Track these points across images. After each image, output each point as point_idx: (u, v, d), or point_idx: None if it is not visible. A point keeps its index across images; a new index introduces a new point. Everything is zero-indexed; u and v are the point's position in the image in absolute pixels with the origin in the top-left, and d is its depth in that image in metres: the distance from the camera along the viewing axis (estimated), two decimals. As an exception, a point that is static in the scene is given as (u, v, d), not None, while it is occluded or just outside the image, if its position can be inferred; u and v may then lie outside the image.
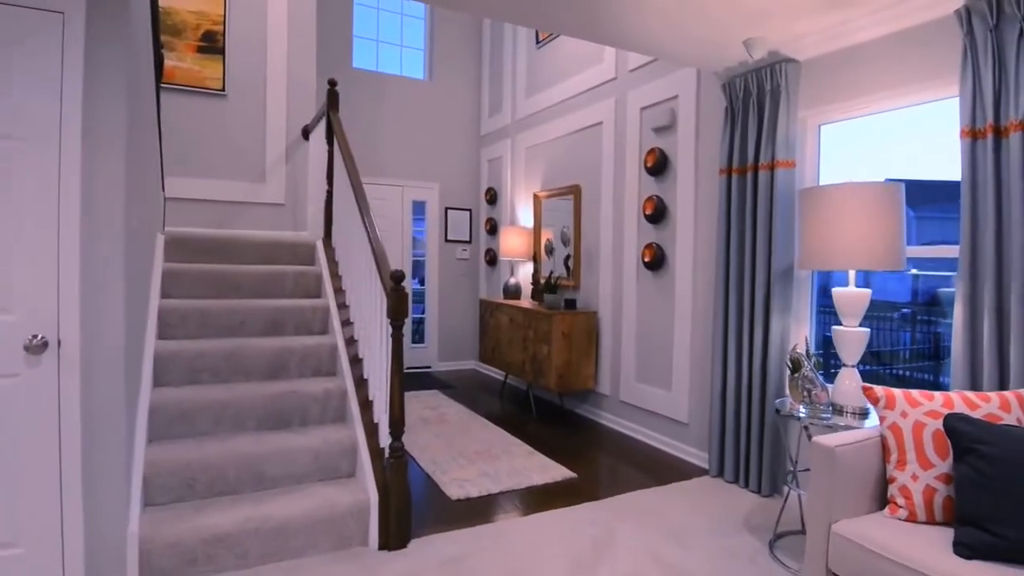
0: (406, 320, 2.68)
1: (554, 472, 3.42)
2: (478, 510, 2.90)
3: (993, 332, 2.30)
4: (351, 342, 3.25)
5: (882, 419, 1.98)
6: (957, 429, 1.78)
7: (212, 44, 4.47)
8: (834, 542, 1.84)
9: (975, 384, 2.36)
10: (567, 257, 5.09)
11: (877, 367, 4.68)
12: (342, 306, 3.48)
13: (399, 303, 2.52)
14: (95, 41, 2.03)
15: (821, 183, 3.26)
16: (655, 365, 4.11)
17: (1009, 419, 1.87)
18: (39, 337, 1.95)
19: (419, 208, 6.58)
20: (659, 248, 4.05)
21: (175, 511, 2.33)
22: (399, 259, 6.37)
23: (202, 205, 4.35)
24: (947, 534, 1.74)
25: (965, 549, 1.64)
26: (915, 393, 1.98)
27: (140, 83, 2.45)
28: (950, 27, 2.54)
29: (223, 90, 4.47)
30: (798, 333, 3.22)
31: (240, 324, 3.18)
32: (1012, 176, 2.27)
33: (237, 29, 4.49)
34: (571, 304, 4.67)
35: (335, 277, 3.68)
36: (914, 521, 1.84)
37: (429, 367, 6.56)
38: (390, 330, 2.59)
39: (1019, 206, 2.25)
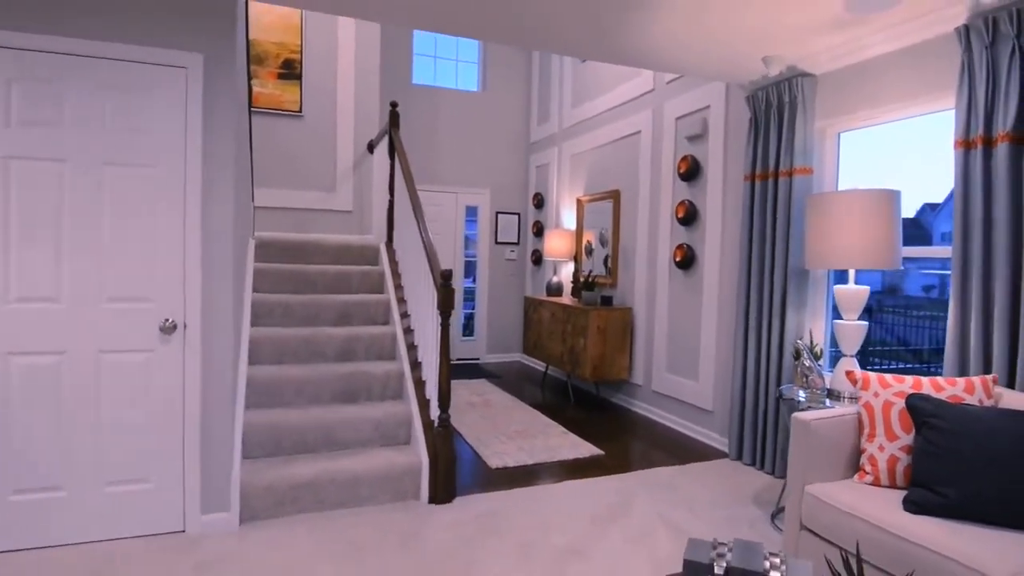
0: (456, 314, 3.14)
1: (584, 449, 3.80)
2: (513, 477, 3.33)
3: (980, 327, 2.53)
4: (408, 331, 3.75)
5: (859, 399, 2.27)
6: (916, 406, 2.07)
7: (291, 71, 5.10)
8: (806, 501, 2.16)
9: (963, 373, 2.59)
10: (606, 257, 5.44)
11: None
12: (401, 300, 3.99)
13: (447, 297, 2.98)
14: (210, 88, 2.59)
15: (840, 188, 3.49)
16: (684, 357, 4.42)
17: (971, 400, 2.13)
18: (170, 320, 2.53)
19: (472, 212, 7.08)
20: (689, 249, 4.36)
21: (266, 463, 2.89)
22: (452, 260, 6.88)
23: (282, 212, 4.99)
24: (903, 495, 2.02)
25: (913, 506, 1.93)
26: (888, 376, 2.26)
27: (240, 113, 3.02)
28: (951, 44, 2.76)
29: (300, 111, 5.09)
30: (814, 328, 3.47)
31: (316, 315, 3.73)
32: (999, 183, 2.49)
33: (312, 57, 5.10)
34: (607, 301, 5.03)
35: (395, 275, 4.19)
36: (878, 485, 2.13)
37: (478, 359, 7.05)
38: (439, 320, 3.06)
39: (1004, 212, 2.47)
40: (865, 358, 3.55)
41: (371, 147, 5.22)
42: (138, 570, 2.29)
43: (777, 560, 1.44)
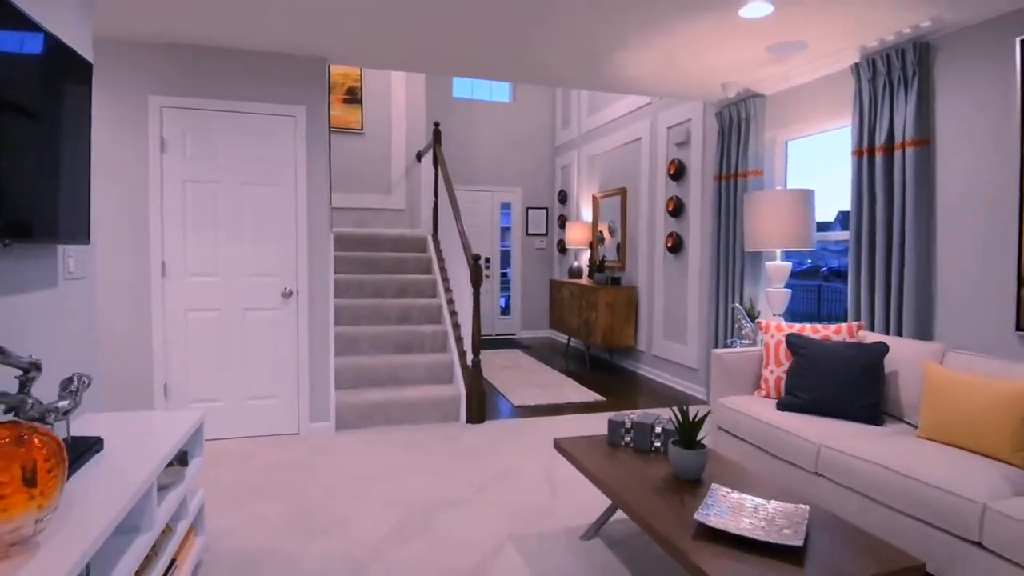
0: (494, 295, 4.22)
1: (589, 396, 4.83)
2: (531, 410, 4.40)
3: (866, 292, 3.42)
4: (450, 302, 4.86)
5: (764, 341, 3.23)
6: (791, 342, 3.01)
7: (353, 96, 6.27)
8: (719, 409, 3.14)
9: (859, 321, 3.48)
10: (617, 245, 6.41)
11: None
12: (444, 279, 5.10)
13: (477, 274, 4.06)
14: (310, 130, 3.74)
15: (788, 187, 4.38)
16: (675, 326, 5.37)
17: (837, 338, 3.05)
18: (288, 289, 3.70)
19: (506, 208, 8.14)
20: (678, 236, 5.30)
21: (351, 391, 4.05)
22: (490, 249, 7.97)
23: (349, 211, 6.18)
24: (777, 401, 2.98)
25: (782, 406, 2.89)
26: (784, 323, 3.20)
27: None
28: (848, 77, 3.64)
29: (361, 130, 6.26)
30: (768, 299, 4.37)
31: (381, 290, 4.89)
32: (877, 184, 3.37)
33: (370, 84, 6.25)
34: (616, 281, 6.01)
35: (440, 260, 5.31)
36: (768, 396, 3.09)
37: (513, 334, 8.14)
38: (472, 291, 4.14)
39: (882, 206, 3.35)
40: (818, 319, 4.38)
41: (419, 156, 6.34)
42: (274, 452, 3.48)
43: (664, 419, 2.46)
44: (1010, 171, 2.75)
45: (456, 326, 4.62)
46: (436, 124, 5.45)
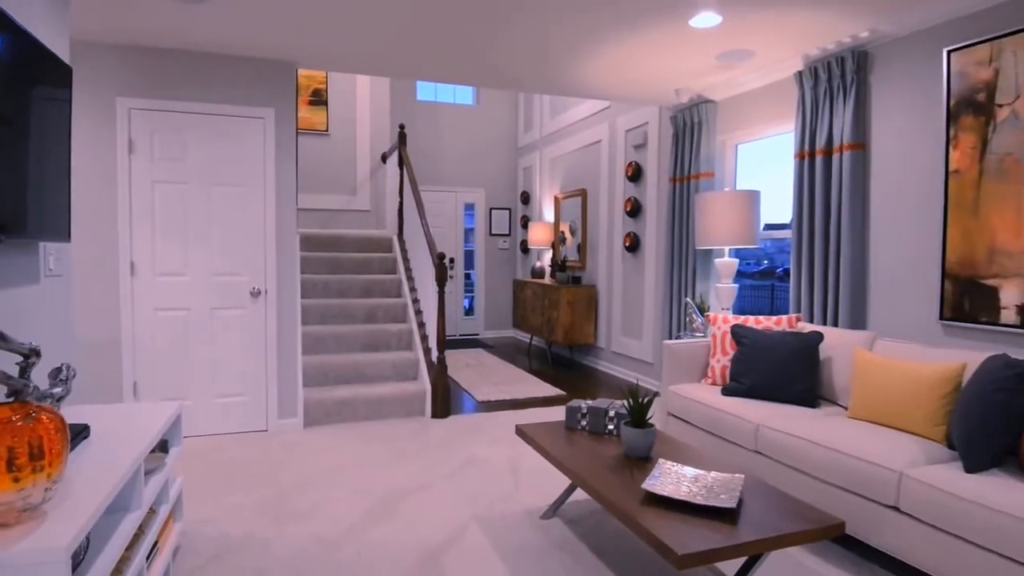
0: (458, 296, 4.35)
1: (550, 391, 5.02)
2: (494, 405, 4.56)
3: (806, 286, 3.70)
4: (415, 301, 4.97)
5: (712, 332, 3.46)
6: (735, 332, 3.26)
7: (319, 98, 6.32)
8: (668, 396, 3.36)
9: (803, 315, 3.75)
10: (578, 245, 6.63)
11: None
12: (410, 278, 5.21)
13: (442, 272, 4.20)
14: (278, 132, 3.81)
15: (738, 188, 4.65)
16: (633, 322, 5.61)
17: (777, 329, 3.30)
18: (256, 288, 3.77)
19: (470, 208, 8.29)
20: (635, 236, 5.54)
21: (319, 389, 4.13)
22: (454, 249, 8.10)
23: (314, 212, 6.22)
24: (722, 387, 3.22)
25: (726, 392, 3.13)
26: (731, 316, 3.45)
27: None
28: (793, 84, 3.92)
29: (327, 131, 6.31)
30: (716, 294, 4.64)
31: (347, 289, 4.97)
32: (817, 185, 3.65)
33: (335, 86, 6.31)
34: (576, 280, 6.22)
35: (405, 260, 5.41)
36: (715, 384, 3.33)
37: (477, 334, 8.28)
38: (436, 290, 4.27)
39: (821, 206, 3.62)
40: (770, 311, 4.71)
41: (384, 158, 6.43)
42: (244, 448, 3.54)
43: (617, 404, 2.66)
44: (936, 174, 3.04)
45: (421, 324, 4.74)
46: (401, 126, 5.57)
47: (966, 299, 2.86)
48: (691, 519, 1.76)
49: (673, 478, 1.99)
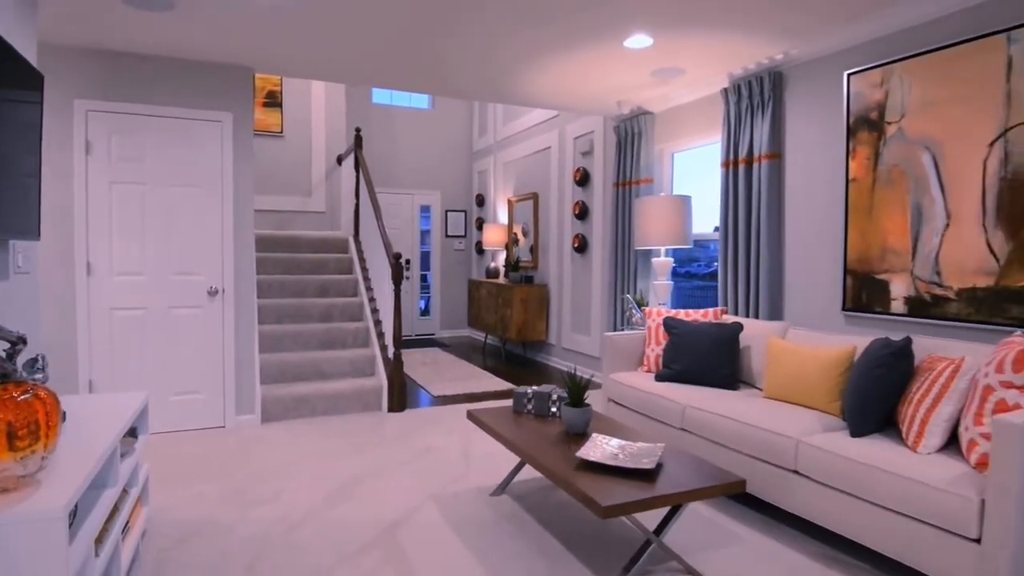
0: (414, 296, 4.53)
1: (503, 386, 5.26)
2: (449, 399, 4.76)
3: (731, 282, 4.06)
4: (371, 300, 5.13)
5: (647, 325, 3.78)
6: (667, 324, 3.57)
7: (273, 100, 6.39)
8: (609, 384, 3.65)
9: (729, 309, 4.11)
10: (531, 246, 6.90)
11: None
12: (366, 278, 5.36)
13: (398, 271, 4.38)
14: (236, 135, 3.93)
15: (674, 192, 5.01)
16: (581, 319, 5.92)
17: (704, 321, 3.64)
18: (213, 287, 3.87)
19: (425, 210, 8.46)
20: (583, 237, 5.85)
21: (277, 386, 4.25)
22: (410, 251, 8.25)
23: (269, 214, 6.29)
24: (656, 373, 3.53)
25: (658, 378, 3.44)
26: (664, 310, 3.76)
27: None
28: (720, 100, 4.29)
29: (282, 132, 6.39)
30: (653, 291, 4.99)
31: (303, 289, 5.08)
32: (740, 191, 4.01)
33: (290, 88, 6.40)
34: (529, 279, 6.49)
35: (361, 260, 5.56)
36: (649, 371, 3.64)
37: (433, 334, 8.46)
38: (393, 288, 4.45)
39: (743, 210, 3.99)
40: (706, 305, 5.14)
41: (339, 160, 6.55)
42: (203, 443, 3.64)
43: (559, 390, 2.91)
44: (838, 182, 3.43)
45: (378, 322, 4.91)
46: (358, 130, 5.71)
47: (864, 292, 3.25)
48: (617, 480, 2.02)
49: (604, 448, 2.26)
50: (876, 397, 2.40)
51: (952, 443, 2.29)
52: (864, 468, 2.18)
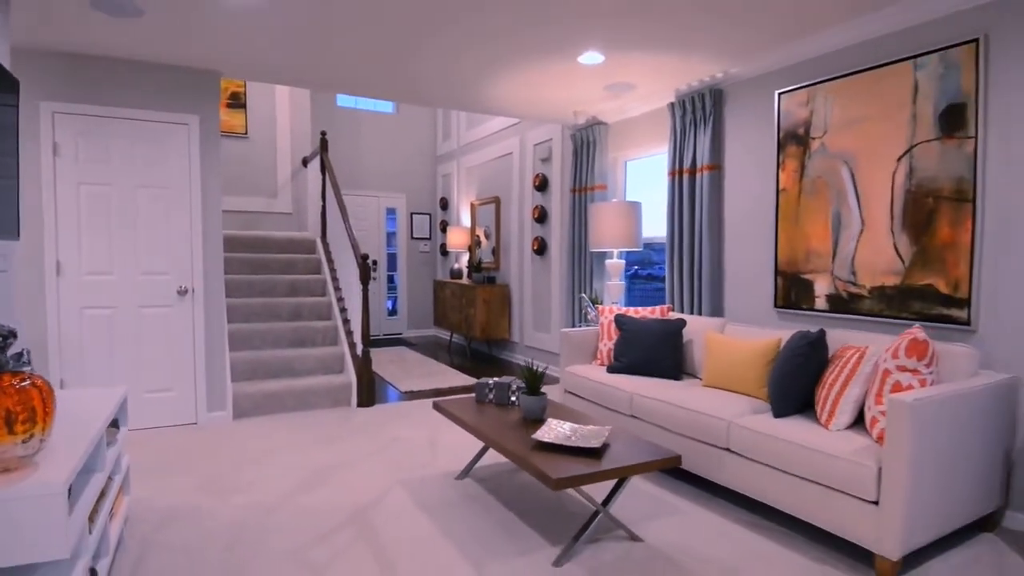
0: (381, 297, 4.70)
1: (468, 381, 5.48)
2: (416, 395, 4.96)
3: (678, 282, 4.38)
4: (340, 299, 5.28)
5: (600, 321, 4.05)
6: (618, 320, 3.86)
7: (237, 101, 6.45)
8: (566, 376, 3.91)
9: (676, 307, 4.43)
10: (492, 248, 7.14)
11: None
12: (334, 278, 5.50)
13: (365, 271, 4.55)
14: (203, 137, 4.04)
15: (627, 198, 5.32)
16: (542, 317, 6.18)
17: (652, 317, 3.94)
18: (183, 287, 3.97)
19: (391, 213, 8.60)
20: (543, 240, 6.11)
21: (248, 383, 4.36)
22: (377, 252, 8.38)
23: (235, 215, 6.35)
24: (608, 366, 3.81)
25: (610, 370, 3.72)
26: (617, 308, 4.05)
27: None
28: (667, 113, 4.60)
29: (246, 134, 6.45)
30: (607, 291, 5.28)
31: (272, 288, 5.19)
32: (684, 198, 4.33)
33: (254, 89, 6.47)
34: (491, 280, 6.73)
35: (329, 260, 5.69)
36: (602, 364, 3.92)
37: (400, 333, 8.60)
38: (360, 288, 4.62)
39: (687, 216, 4.31)
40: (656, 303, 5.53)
41: (305, 162, 6.65)
42: (176, 439, 3.74)
43: (519, 381, 3.16)
44: (770, 191, 3.77)
45: (346, 321, 5.06)
46: (323, 133, 5.84)
47: (792, 291, 3.60)
48: (568, 457, 2.27)
49: (557, 431, 2.51)
50: (796, 383, 2.73)
51: (859, 421, 2.63)
52: (784, 444, 2.49)
